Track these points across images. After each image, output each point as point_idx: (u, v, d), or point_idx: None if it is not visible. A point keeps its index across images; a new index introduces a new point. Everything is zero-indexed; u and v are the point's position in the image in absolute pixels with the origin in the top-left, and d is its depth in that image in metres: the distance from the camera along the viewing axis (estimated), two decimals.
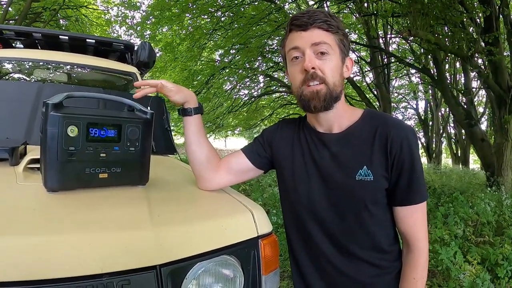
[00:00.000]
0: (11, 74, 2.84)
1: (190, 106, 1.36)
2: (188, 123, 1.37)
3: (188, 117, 1.36)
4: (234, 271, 1.17)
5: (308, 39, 1.12)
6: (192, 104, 1.36)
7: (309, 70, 1.11)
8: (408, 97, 18.91)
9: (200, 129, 1.38)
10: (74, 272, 0.88)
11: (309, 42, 1.11)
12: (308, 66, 1.11)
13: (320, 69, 1.12)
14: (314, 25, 1.11)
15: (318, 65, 1.12)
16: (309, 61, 1.11)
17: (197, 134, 1.37)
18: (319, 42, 1.11)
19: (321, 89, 1.12)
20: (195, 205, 1.34)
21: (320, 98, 1.13)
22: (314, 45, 1.11)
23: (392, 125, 1.15)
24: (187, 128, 1.38)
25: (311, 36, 1.11)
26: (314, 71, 1.12)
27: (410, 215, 1.17)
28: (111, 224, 1.03)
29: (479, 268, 3.29)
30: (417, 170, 1.13)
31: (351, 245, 1.20)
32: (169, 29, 11.72)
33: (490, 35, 6.34)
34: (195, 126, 1.37)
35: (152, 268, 0.98)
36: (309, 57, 1.11)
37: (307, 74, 1.12)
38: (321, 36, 1.11)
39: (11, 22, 10.31)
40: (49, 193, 1.19)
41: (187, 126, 1.37)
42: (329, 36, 1.12)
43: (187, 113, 1.36)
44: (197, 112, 1.37)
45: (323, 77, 1.12)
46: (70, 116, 1.16)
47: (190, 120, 1.36)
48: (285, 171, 1.32)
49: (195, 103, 1.37)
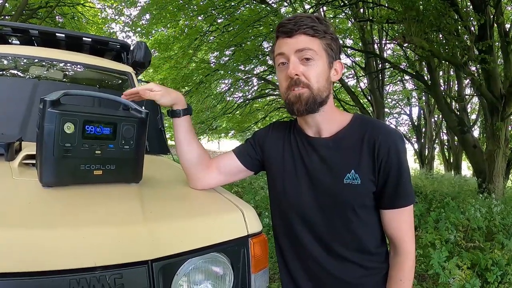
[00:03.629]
0: (7, 70, 2.83)
1: (179, 108, 1.37)
2: (177, 124, 1.39)
3: (177, 118, 1.38)
4: (224, 269, 1.19)
5: (293, 46, 1.14)
6: (180, 106, 1.38)
7: (292, 77, 1.15)
8: (401, 103, 18.96)
9: (189, 129, 1.40)
10: (67, 265, 0.90)
11: (294, 49, 1.14)
12: (291, 73, 1.14)
13: (304, 75, 1.15)
14: (299, 31, 1.13)
15: (302, 71, 1.14)
16: (293, 68, 1.14)
17: (187, 135, 1.39)
18: (303, 49, 1.13)
19: (304, 93, 1.15)
20: (186, 203, 1.36)
21: (302, 101, 1.15)
22: (299, 52, 1.14)
23: (380, 130, 1.17)
24: (177, 129, 1.39)
25: (296, 42, 1.14)
26: (298, 78, 1.15)
27: (397, 218, 1.19)
28: (104, 219, 1.05)
29: (469, 273, 3.32)
30: (404, 175, 1.15)
31: (339, 246, 1.22)
32: (164, 27, 11.66)
33: (484, 43, 6.39)
34: (184, 127, 1.38)
35: (144, 263, 1.00)
36: (293, 64, 1.14)
37: (291, 80, 1.16)
38: (306, 42, 1.13)
39: (7, 18, 10.24)
40: (44, 188, 1.20)
41: (176, 127, 1.39)
42: (314, 42, 1.14)
43: (176, 115, 1.37)
44: (186, 113, 1.39)
45: (307, 82, 1.15)
46: (67, 113, 1.17)
47: (179, 122, 1.38)
48: (275, 173, 1.34)
49: (184, 105, 1.39)
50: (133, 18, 11.05)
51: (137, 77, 3.16)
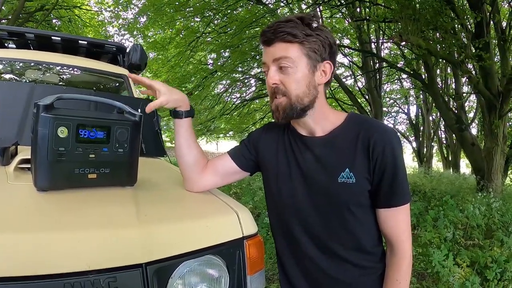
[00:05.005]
0: (3, 74, 2.83)
1: (182, 109, 1.36)
2: (178, 125, 1.37)
3: (179, 119, 1.36)
4: (219, 271, 1.19)
5: (271, 55, 1.15)
6: (184, 107, 1.36)
7: (271, 86, 1.16)
8: (399, 101, 19.01)
9: (190, 131, 1.39)
10: (61, 269, 0.90)
11: (271, 58, 1.15)
12: (269, 82, 1.16)
13: (282, 83, 1.15)
14: (277, 39, 1.13)
15: (280, 79, 1.15)
16: (270, 77, 1.16)
17: (187, 137, 1.38)
18: (279, 58, 1.13)
19: (281, 102, 1.16)
20: (181, 206, 1.36)
21: (280, 111, 1.17)
22: (276, 60, 1.14)
23: (374, 129, 1.16)
24: (178, 131, 1.38)
25: (274, 51, 1.14)
26: (276, 86, 1.16)
27: (393, 217, 1.19)
28: (99, 222, 1.05)
29: (468, 270, 3.32)
30: (399, 173, 1.14)
31: (335, 245, 1.21)
32: (162, 29, 11.67)
33: (480, 40, 6.39)
34: (185, 128, 1.38)
35: (138, 266, 1.00)
36: (270, 73, 1.16)
37: (271, 89, 1.18)
38: (282, 51, 1.12)
39: (4, 22, 10.24)
40: (39, 193, 1.20)
41: (177, 129, 1.38)
42: (292, 48, 1.12)
43: (178, 116, 1.36)
44: (188, 115, 1.38)
45: (285, 90, 1.15)
46: (60, 117, 1.17)
47: (180, 123, 1.37)
48: (269, 173, 1.34)
49: (187, 106, 1.37)
50: (130, 20, 11.05)
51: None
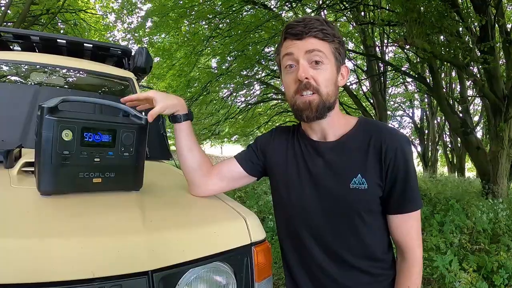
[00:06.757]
0: (8, 76, 2.82)
1: (180, 113, 1.35)
2: (178, 129, 1.37)
3: (178, 124, 1.36)
4: (227, 278, 1.17)
5: (302, 48, 1.11)
6: (181, 111, 1.36)
7: (302, 80, 1.11)
8: (404, 105, 18.99)
9: (190, 135, 1.38)
10: (66, 276, 0.88)
11: (303, 50, 1.11)
12: (301, 76, 1.11)
13: (314, 79, 1.11)
14: (310, 34, 1.11)
15: (312, 75, 1.11)
16: (303, 71, 1.11)
17: (188, 140, 1.37)
18: (313, 50, 1.10)
19: (314, 100, 1.12)
20: (188, 211, 1.33)
21: (313, 108, 1.13)
22: (308, 53, 1.11)
23: (386, 134, 1.15)
24: (178, 135, 1.37)
25: (306, 44, 1.11)
26: (308, 81, 1.11)
27: (405, 223, 1.17)
28: (103, 228, 1.03)
29: (474, 275, 3.29)
30: (411, 179, 1.13)
31: (344, 252, 1.19)
32: (167, 35, 11.71)
33: (485, 44, 6.37)
34: (185, 132, 1.37)
35: (144, 273, 0.98)
36: (303, 66, 1.11)
37: (300, 84, 1.12)
38: (316, 44, 1.11)
39: (9, 25, 10.28)
40: (42, 197, 1.18)
41: (177, 133, 1.37)
42: (324, 45, 1.12)
43: (177, 120, 1.35)
44: (187, 118, 1.37)
45: (316, 87, 1.12)
46: (64, 120, 1.15)
47: (180, 127, 1.36)
48: (278, 179, 1.32)
49: (185, 110, 1.37)
50: (135, 25, 11.12)
51: (138, 83, 3.16)
